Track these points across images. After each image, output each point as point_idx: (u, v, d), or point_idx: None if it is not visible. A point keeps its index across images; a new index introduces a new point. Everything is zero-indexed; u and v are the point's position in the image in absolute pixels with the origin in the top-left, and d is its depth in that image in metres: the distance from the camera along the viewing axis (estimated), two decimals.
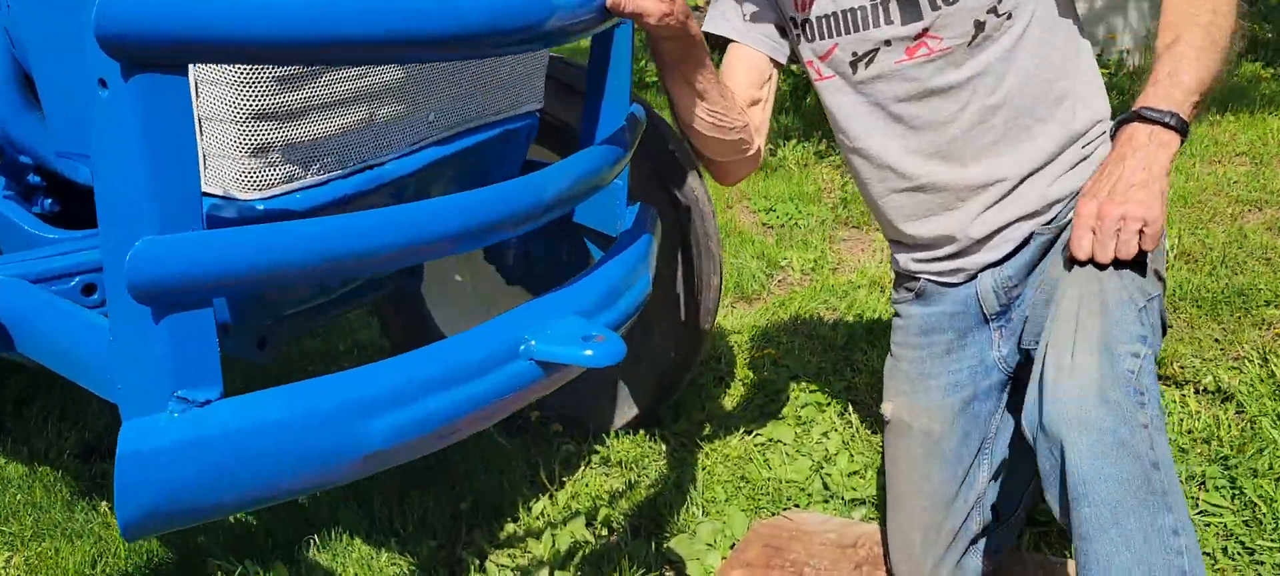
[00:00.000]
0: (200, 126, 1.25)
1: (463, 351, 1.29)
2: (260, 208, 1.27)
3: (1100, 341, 1.25)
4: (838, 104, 1.74)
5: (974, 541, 1.74)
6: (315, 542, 2.01)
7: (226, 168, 1.26)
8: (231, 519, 2.12)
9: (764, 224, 3.73)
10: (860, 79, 1.69)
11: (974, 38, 1.59)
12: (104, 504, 2.19)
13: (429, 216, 1.23)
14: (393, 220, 1.20)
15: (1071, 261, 1.44)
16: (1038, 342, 1.42)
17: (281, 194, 1.28)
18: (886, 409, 1.78)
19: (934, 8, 1.58)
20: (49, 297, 1.32)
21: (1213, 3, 1.44)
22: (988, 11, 1.58)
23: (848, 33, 1.66)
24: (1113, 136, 1.48)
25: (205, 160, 1.26)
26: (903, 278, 1.84)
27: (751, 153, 1.80)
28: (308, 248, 1.13)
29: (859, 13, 1.64)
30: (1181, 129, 1.41)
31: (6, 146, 1.49)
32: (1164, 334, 1.51)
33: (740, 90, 1.79)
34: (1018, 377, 1.73)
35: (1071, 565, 1.84)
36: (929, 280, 1.77)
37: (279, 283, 1.14)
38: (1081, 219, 1.42)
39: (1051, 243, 1.64)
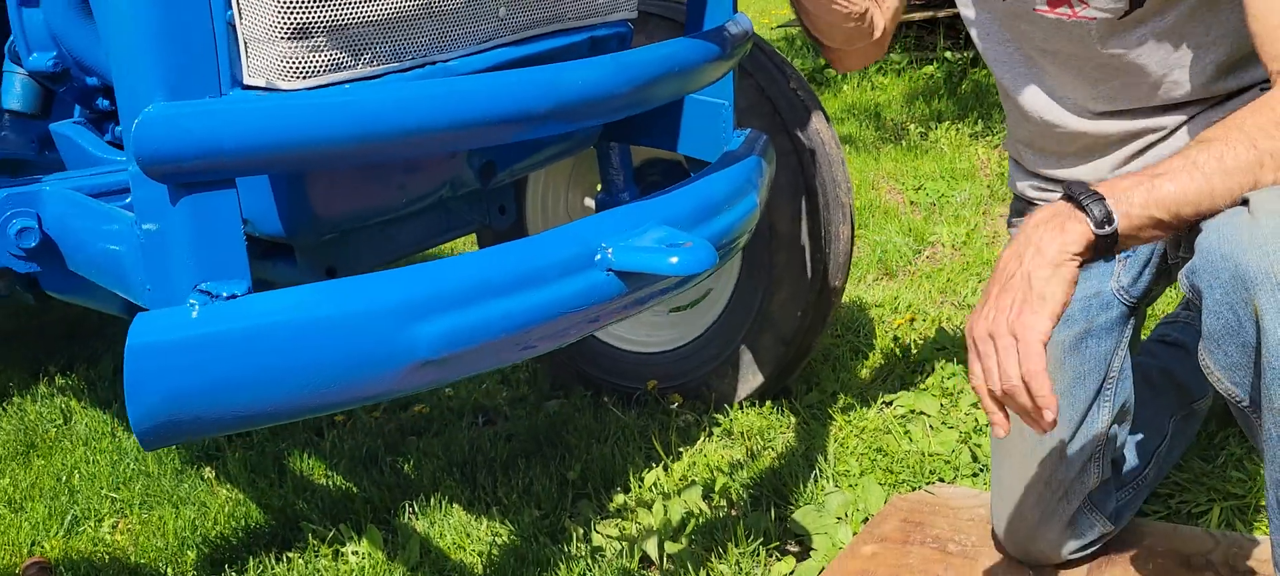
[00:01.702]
0: (239, 11, 1.13)
1: (529, 255, 1.13)
2: None
3: None
4: (971, 16, 1.52)
5: (1091, 498, 1.49)
6: (412, 509, 1.89)
7: (268, 55, 1.14)
8: (329, 484, 2.03)
9: (912, 202, 3.46)
10: (999, 9, 1.45)
11: (1126, 12, 1.31)
12: (209, 470, 2.14)
13: (484, 91, 1.08)
14: (433, 94, 1.05)
15: None
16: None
17: (327, 84, 1.15)
18: None
19: None
20: (99, 205, 1.23)
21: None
22: None
23: None
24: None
25: (246, 48, 1.15)
26: (1019, 200, 1.61)
27: (876, 35, 1.59)
28: (334, 119, 1.00)
29: None
30: (1102, 228, 1.03)
31: (73, 67, 1.43)
32: None
33: None
34: (1138, 311, 1.49)
35: (1203, 537, 1.54)
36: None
37: (304, 160, 1.01)
38: (969, 349, 1.10)
39: None
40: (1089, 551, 1.52)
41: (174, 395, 0.96)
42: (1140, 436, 1.59)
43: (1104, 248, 1.05)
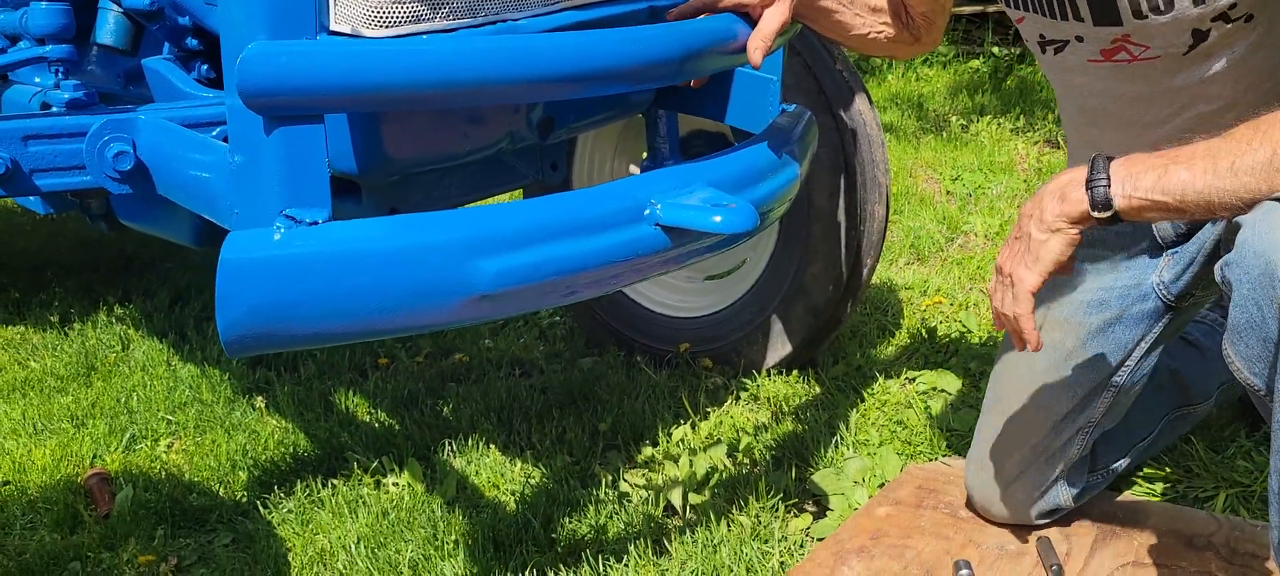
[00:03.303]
0: None
1: (583, 205, 1.22)
2: None
3: None
4: (1035, 54, 1.54)
5: (1065, 472, 1.58)
6: (451, 447, 1.99)
7: (355, 3, 1.23)
8: (372, 421, 2.14)
9: (948, 192, 3.52)
10: (1049, 61, 1.47)
11: (1191, 48, 1.31)
12: (260, 400, 2.25)
13: (549, 50, 1.17)
14: (506, 48, 1.14)
15: None
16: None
17: (407, 33, 1.24)
18: None
19: (1137, 15, 1.30)
20: (191, 133, 1.33)
21: None
22: (1215, 19, 1.28)
23: (1034, 11, 1.42)
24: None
25: None
26: None
27: (921, 43, 1.66)
28: (415, 65, 1.09)
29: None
30: (1096, 211, 1.14)
31: (168, 7, 1.53)
32: None
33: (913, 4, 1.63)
34: (1178, 311, 1.53)
35: (1206, 519, 1.61)
36: None
37: (386, 101, 1.11)
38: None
39: None
40: (1046, 521, 1.61)
41: (258, 308, 1.06)
42: (1128, 427, 1.66)
43: (1105, 222, 1.15)
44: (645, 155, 1.93)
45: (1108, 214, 1.13)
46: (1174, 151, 1.13)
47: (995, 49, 5.54)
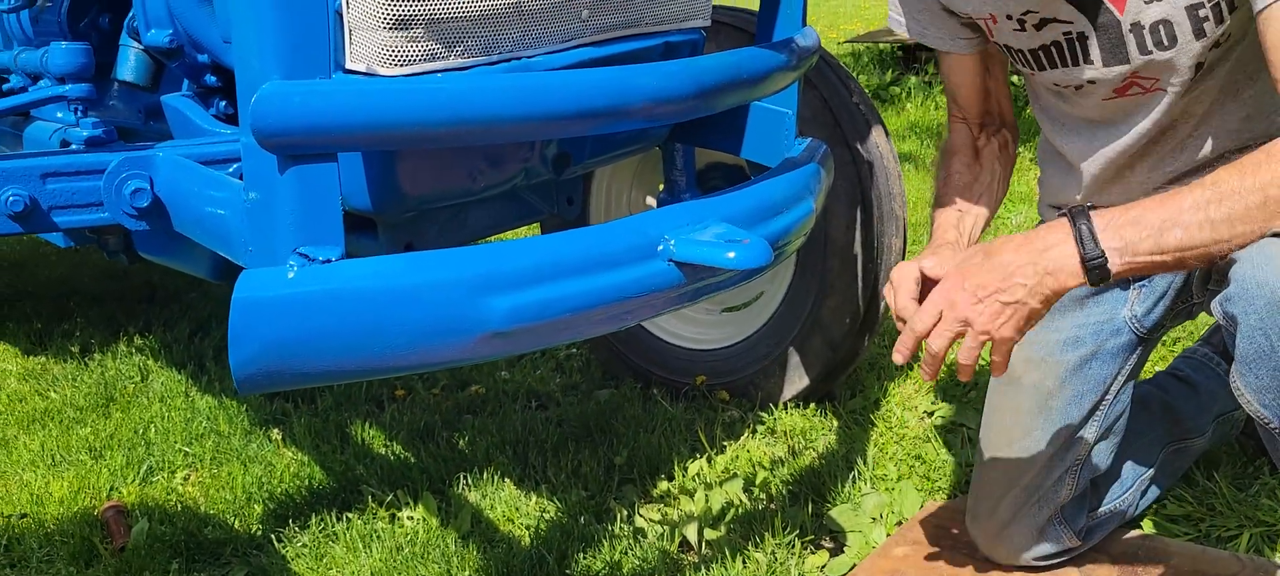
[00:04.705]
0: (346, 1, 1.23)
1: (596, 242, 1.22)
2: None
3: None
4: (1032, 93, 1.58)
5: (1063, 512, 1.57)
6: (466, 481, 1.99)
7: (370, 42, 1.24)
8: (388, 453, 2.14)
9: None
10: (1058, 101, 1.50)
11: (1194, 76, 1.36)
12: (276, 432, 2.26)
13: (563, 87, 1.17)
14: (520, 87, 1.14)
15: None
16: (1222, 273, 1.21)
17: (422, 72, 1.25)
18: None
19: (1144, 51, 1.33)
20: (207, 171, 1.34)
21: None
22: (1211, 48, 1.32)
23: (1042, 68, 1.44)
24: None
25: (351, 35, 1.25)
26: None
27: (1010, 129, 1.67)
28: (429, 104, 1.10)
29: (1053, 49, 1.40)
30: (1095, 274, 1.13)
31: (187, 44, 1.54)
32: None
33: (969, 96, 1.62)
34: (1147, 342, 1.55)
35: (1229, 559, 1.59)
36: None
37: (400, 139, 1.11)
38: (932, 299, 1.22)
39: None
40: (1052, 562, 1.60)
41: (271, 346, 1.06)
42: (1127, 463, 1.65)
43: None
44: (662, 187, 1.93)
45: (1102, 286, 1.15)
46: (1160, 206, 1.12)
47: (1014, 77, 5.52)
